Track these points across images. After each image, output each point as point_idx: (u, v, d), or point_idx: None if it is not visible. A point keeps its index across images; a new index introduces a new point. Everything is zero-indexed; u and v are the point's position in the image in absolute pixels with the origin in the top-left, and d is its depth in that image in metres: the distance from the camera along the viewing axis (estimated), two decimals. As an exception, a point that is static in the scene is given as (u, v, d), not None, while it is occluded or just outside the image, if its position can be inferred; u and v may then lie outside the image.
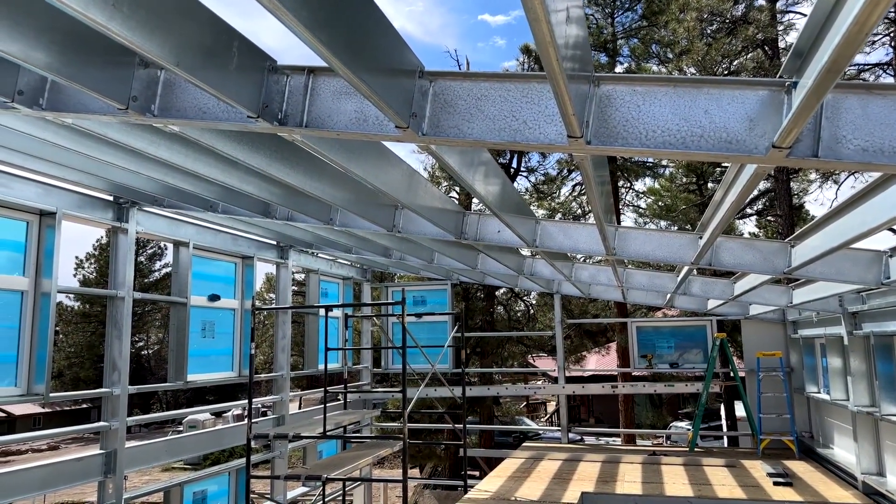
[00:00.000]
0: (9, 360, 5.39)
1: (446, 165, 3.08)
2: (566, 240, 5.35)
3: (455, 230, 5.45)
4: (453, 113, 2.54)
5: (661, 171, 22.18)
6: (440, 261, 8.60)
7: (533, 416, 33.72)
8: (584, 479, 8.10)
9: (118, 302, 6.36)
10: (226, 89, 2.43)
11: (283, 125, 2.76)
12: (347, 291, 12.06)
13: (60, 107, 3.10)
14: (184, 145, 4.08)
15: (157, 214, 6.89)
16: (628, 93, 2.40)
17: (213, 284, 8.22)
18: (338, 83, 2.72)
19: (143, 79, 2.87)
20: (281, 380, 9.48)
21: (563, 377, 10.89)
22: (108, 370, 6.31)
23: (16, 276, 5.43)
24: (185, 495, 7.27)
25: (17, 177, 5.36)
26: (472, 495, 7.39)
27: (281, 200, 5.28)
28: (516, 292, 19.23)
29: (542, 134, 2.44)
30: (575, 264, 8.17)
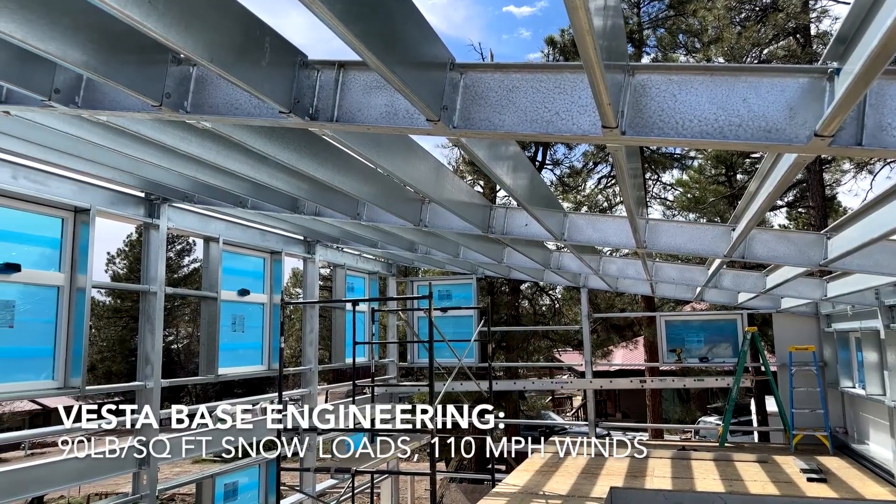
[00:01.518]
0: (46, 353, 5.52)
1: (475, 158, 3.06)
2: (595, 233, 5.30)
3: (482, 224, 5.43)
4: (484, 105, 2.52)
5: (689, 163, 21.86)
6: (466, 255, 8.59)
7: (559, 411, 33.57)
8: (612, 474, 8.05)
9: (150, 297, 6.47)
10: (258, 85, 2.44)
11: (314, 120, 2.76)
12: (373, 286, 12.12)
13: (95, 104, 3.14)
14: (215, 141, 4.12)
15: (187, 210, 6.98)
16: (664, 82, 2.35)
17: (243, 279, 8.31)
18: (368, 77, 2.72)
19: (175, 76, 2.90)
20: (309, 373, 9.57)
21: (590, 372, 10.82)
22: (141, 364, 6.42)
23: (52, 272, 5.55)
24: (216, 487, 7.39)
25: (52, 174, 5.47)
26: (499, 489, 7.39)
27: (309, 196, 5.31)
28: (542, 286, 19.13)
29: (574, 125, 2.41)
30: (603, 258, 8.09)
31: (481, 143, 3.13)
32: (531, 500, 6.89)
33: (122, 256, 40.96)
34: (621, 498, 7.34)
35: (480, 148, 3.08)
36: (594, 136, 2.36)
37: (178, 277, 40.49)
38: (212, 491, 7.23)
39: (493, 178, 3.40)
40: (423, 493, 15.95)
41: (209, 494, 7.18)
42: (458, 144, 2.84)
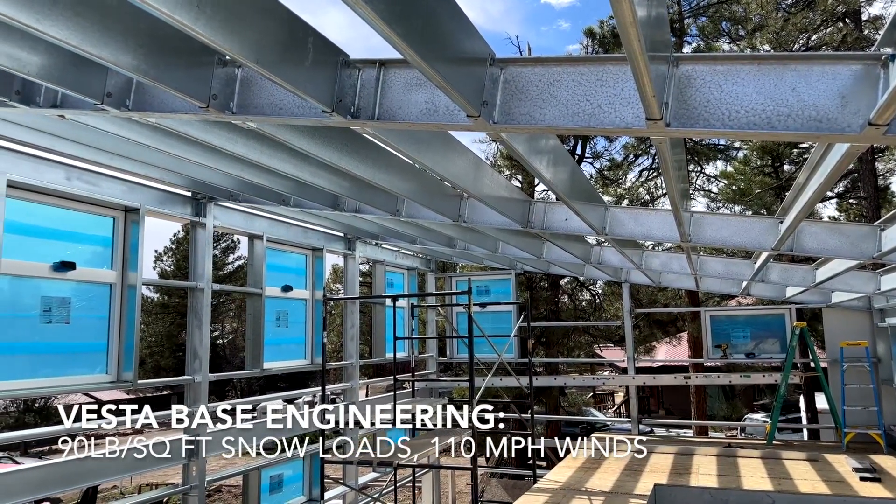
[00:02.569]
0: (100, 348, 5.73)
1: (515, 153, 3.05)
2: (637, 227, 5.22)
3: (521, 219, 5.41)
4: (525, 100, 2.51)
5: (733, 154, 21.34)
6: (504, 250, 8.56)
7: (600, 407, 33.24)
8: (656, 471, 7.94)
9: (198, 293, 6.64)
10: (302, 85, 2.48)
11: (355, 119, 2.80)
12: (412, 281, 12.19)
13: (145, 107, 3.24)
14: (259, 141, 4.20)
15: (232, 209, 7.14)
16: (709, 72, 2.31)
17: (286, 276, 8.47)
18: (408, 75, 2.74)
19: (221, 77, 2.97)
20: (350, 368, 9.69)
21: (632, 368, 10.68)
22: (189, 358, 6.60)
23: (105, 270, 5.75)
24: (262, 479, 7.56)
25: (104, 175, 5.66)
26: (541, 485, 7.37)
27: (349, 193, 5.38)
28: (582, 281, 18.95)
29: (618, 117, 2.38)
30: (645, 252, 7.98)
31: (520, 137, 3.12)
32: (573, 496, 6.85)
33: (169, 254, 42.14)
34: (665, 495, 7.24)
35: (519, 142, 3.07)
36: (638, 129, 2.33)
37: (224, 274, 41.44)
38: (258, 483, 7.40)
39: (533, 172, 3.38)
40: (464, 487, 16.01)
41: (255, 486, 7.35)
42: (498, 139, 2.84)
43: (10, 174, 4.89)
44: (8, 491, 4.81)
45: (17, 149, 4.94)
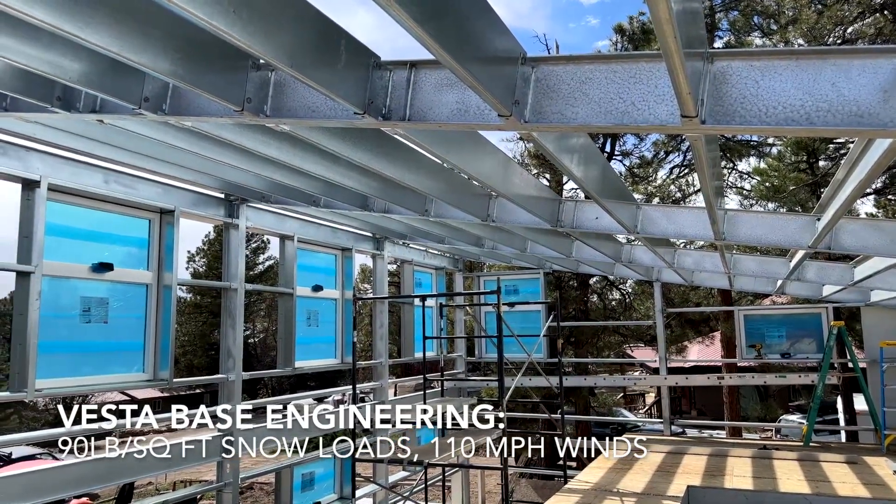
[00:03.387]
0: (136, 348, 5.86)
1: (546, 152, 3.04)
2: (670, 225, 5.16)
3: (550, 218, 5.38)
4: (556, 98, 2.50)
5: (767, 150, 20.92)
6: (533, 249, 8.52)
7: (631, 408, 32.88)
8: (689, 473, 7.83)
9: (231, 293, 6.75)
10: (335, 87, 2.51)
11: (386, 120, 2.82)
12: (440, 281, 12.21)
13: (181, 111, 3.31)
14: (291, 144, 4.26)
15: (264, 210, 7.24)
16: (745, 68, 2.27)
17: (316, 275, 8.55)
18: (439, 75, 2.74)
19: (255, 81, 3.01)
20: (380, 367, 9.75)
21: (664, 368, 10.55)
22: (223, 357, 6.71)
23: (141, 271, 5.88)
24: (294, 477, 7.65)
25: (140, 178, 5.79)
26: (572, 486, 7.33)
27: (378, 193, 5.42)
28: (611, 280, 18.76)
29: (651, 115, 2.36)
30: (677, 250, 7.87)
31: (550, 136, 3.10)
32: (605, 497, 6.80)
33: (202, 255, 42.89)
34: (699, 497, 7.14)
35: (549, 141, 3.05)
36: (673, 126, 2.30)
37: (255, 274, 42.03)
38: (290, 480, 7.49)
39: (564, 170, 3.37)
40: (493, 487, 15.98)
41: (288, 484, 7.44)
42: (528, 138, 2.83)
43: (51, 178, 5.03)
44: (49, 486, 4.95)
45: (58, 153, 5.08)
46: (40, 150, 4.97)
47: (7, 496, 4.61)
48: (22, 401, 5.28)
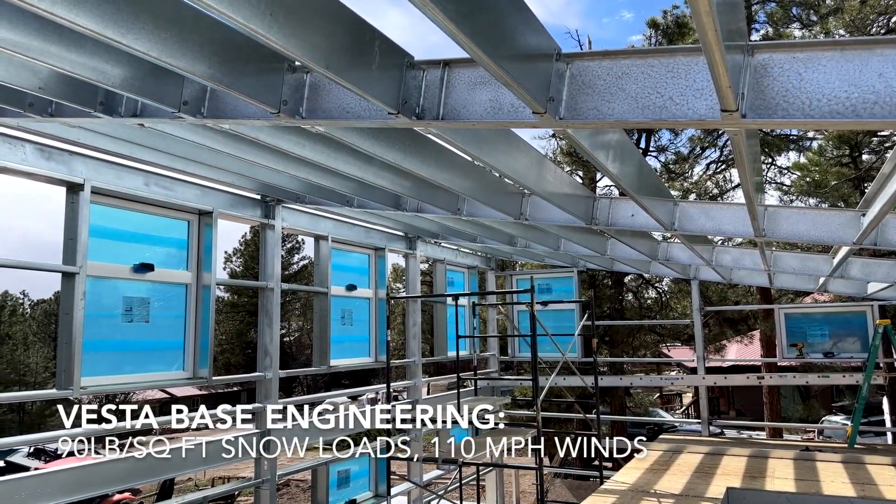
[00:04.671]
0: (177, 346, 5.99)
1: (581, 149, 3.01)
2: (708, 221, 5.06)
3: (585, 216, 5.33)
4: (592, 94, 2.47)
5: (806, 144, 20.38)
6: (567, 247, 8.46)
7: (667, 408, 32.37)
8: (728, 474, 7.67)
9: (268, 292, 6.85)
10: (369, 88, 2.52)
11: (420, 119, 2.82)
12: (472, 280, 12.19)
13: (219, 114, 3.37)
14: (325, 144, 4.30)
15: (299, 211, 7.33)
16: (787, 60, 2.21)
17: (350, 275, 8.63)
18: (472, 74, 2.74)
19: (291, 83, 3.05)
20: (413, 366, 9.78)
21: (702, 367, 10.36)
22: (260, 356, 6.82)
23: (181, 271, 6.01)
24: (329, 474, 7.72)
25: (179, 180, 5.91)
26: (608, 486, 7.24)
27: (411, 193, 5.44)
28: (647, 279, 18.49)
29: (690, 110, 2.32)
30: (716, 248, 7.72)
31: (584, 132, 3.07)
32: (642, 498, 6.71)
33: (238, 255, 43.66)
34: (739, 499, 6.99)
35: (584, 137, 3.02)
36: (712, 121, 2.26)
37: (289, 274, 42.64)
38: (326, 477, 7.56)
39: (599, 167, 3.33)
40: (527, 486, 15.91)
41: (324, 481, 7.52)
42: (562, 136, 2.80)
43: (94, 181, 5.17)
44: (95, 481, 5.09)
45: (100, 157, 5.22)
46: (83, 154, 5.12)
47: (55, 490, 4.75)
48: (67, 398, 5.33)
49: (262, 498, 6.59)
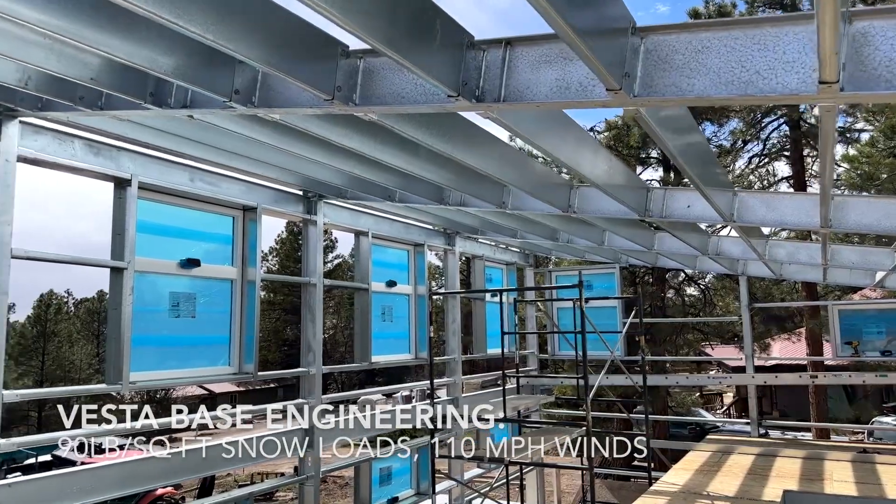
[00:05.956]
0: (223, 342, 5.97)
1: (652, 132, 2.85)
2: (769, 212, 4.83)
3: (638, 207, 5.13)
4: (669, 70, 2.32)
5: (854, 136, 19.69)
6: (611, 242, 8.23)
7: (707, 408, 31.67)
8: (783, 476, 7.38)
9: (311, 288, 6.80)
10: (431, 68, 2.41)
11: (480, 102, 2.70)
12: (511, 277, 12.02)
13: (270, 103, 3.29)
14: (373, 135, 4.21)
15: (340, 206, 7.28)
16: (891, 28, 2.03)
17: (389, 271, 8.55)
18: (536, 52, 2.60)
19: (345, 69, 2.95)
20: (453, 363, 9.68)
21: (751, 366, 10.04)
22: (303, 351, 6.78)
23: (226, 266, 5.99)
24: (372, 470, 7.66)
25: (223, 176, 5.89)
26: (658, 487, 7.03)
27: (455, 185, 5.33)
28: (689, 275, 18.05)
29: (779, 84, 2.14)
30: (769, 241, 7.42)
31: (653, 114, 2.90)
32: (695, 500, 6.48)
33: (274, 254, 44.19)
34: (797, 503, 6.70)
35: (653, 119, 2.85)
36: (806, 95, 2.08)
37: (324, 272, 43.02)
38: (369, 475, 7.50)
39: (668, 153, 3.16)
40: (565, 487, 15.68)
41: (367, 478, 7.46)
42: (636, 118, 2.65)
43: (141, 176, 5.17)
44: (145, 476, 5.10)
45: (146, 152, 5.22)
46: (130, 150, 5.12)
47: (106, 484, 4.77)
48: (110, 393, 5.38)
49: (307, 494, 6.55)
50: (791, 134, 19.82)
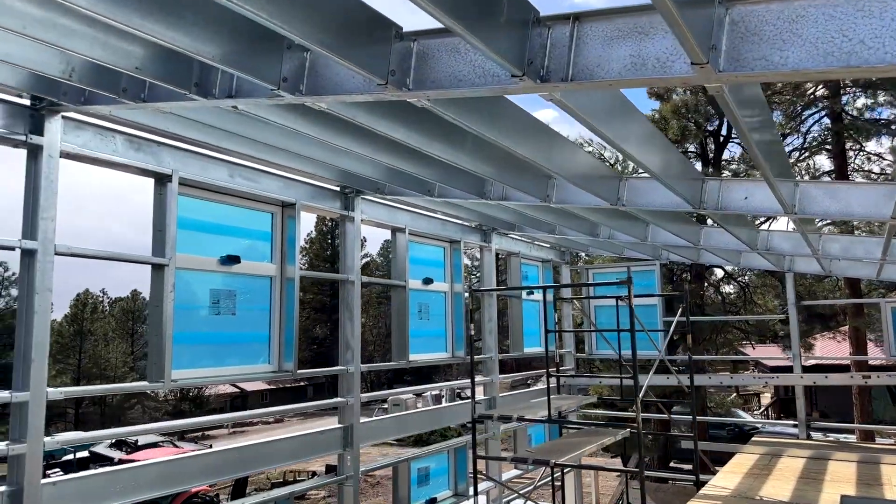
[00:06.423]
0: (262, 339, 5.90)
1: (730, 112, 2.65)
2: (833, 203, 4.57)
3: (693, 199, 4.91)
4: (759, 42, 2.13)
5: (898, 128, 19.03)
6: (655, 237, 7.98)
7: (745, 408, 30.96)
8: (838, 481, 7.07)
9: (348, 285, 6.70)
10: (498, 46, 2.26)
11: (545, 82, 2.54)
12: (547, 274, 11.81)
13: (318, 90, 3.17)
14: (419, 124, 4.08)
15: (377, 203, 7.17)
16: None
17: (425, 268, 8.42)
18: (607, 27, 2.43)
19: (398, 52, 2.82)
20: (490, 362, 9.51)
21: (798, 366, 9.69)
22: (342, 350, 6.68)
23: (266, 263, 5.92)
24: (410, 470, 7.54)
25: (262, 172, 5.81)
26: (708, 492, 6.78)
27: (498, 177, 5.18)
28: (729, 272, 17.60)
29: (888, 53, 1.94)
30: (822, 236, 7.12)
31: (730, 93, 2.70)
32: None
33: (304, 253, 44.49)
34: (856, 509, 6.40)
35: (730, 98, 2.65)
36: (922, 64, 1.88)
37: (352, 271, 43.13)
38: (407, 474, 7.39)
39: (743, 136, 2.96)
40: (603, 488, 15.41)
41: (405, 478, 7.35)
42: (716, 97, 2.46)
43: (182, 172, 5.11)
44: (187, 474, 5.04)
45: (186, 148, 5.16)
46: (171, 145, 5.06)
47: (147, 483, 4.71)
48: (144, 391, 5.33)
49: (346, 494, 6.44)
50: (833, 126, 19.24)
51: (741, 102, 2.75)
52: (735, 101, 2.63)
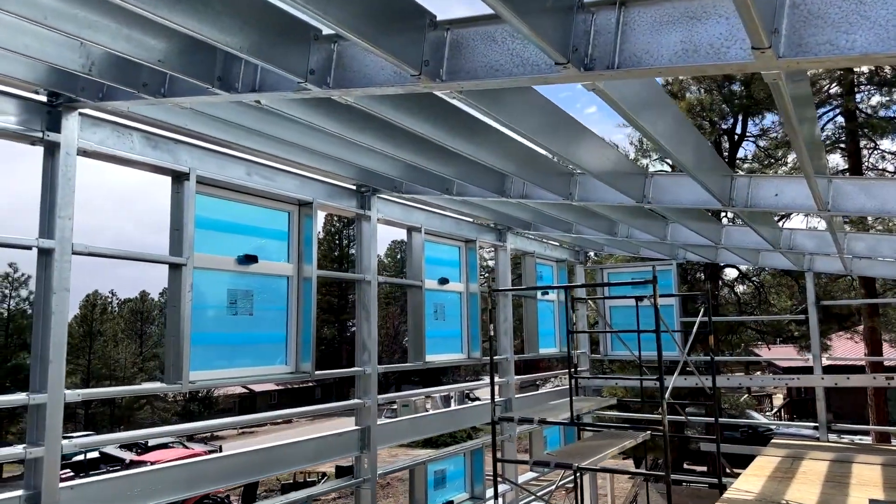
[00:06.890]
0: (280, 340, 5.81)
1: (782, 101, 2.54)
2: (868, 200, 4.44)
3: (721, 196, 4.79)
4: (822, 25, 2.01)
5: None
6: (674, 236, 7.86)
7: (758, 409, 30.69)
8: (865, 485, 6.92)
9: (365, 286, 6.60)
10: (545, 33, 2.15)
11: (588, 71, 2.43)
12: (561, 274, 11.68)
13: (346, 83, 3.07)
14: (444, 119, 3.98)
15: (393, 202, 7.07)
16: None
17: (440, 268, 8.32)
18: (656, 12, 2.32)
19: (431, 41, 2.72)
20: (506, 363, 9.40)
21: (818, 367, 9.54)
22: (358, 351, 6.59)
23: (283, 263, 5.82)
24: (427, 473, 7.44)
25: (279, 170, 5.73)
26: (730, 495, 6.65)
27: (519, 173, 5.08)
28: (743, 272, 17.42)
29: (969, 35, 1.83)
30: (848, 234, 6.97)
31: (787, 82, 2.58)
32: (775, 509, 6.10)
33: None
34: (885, 513, 6.26)
35: (789, 90, 2.53)
36: None
37: (359, 272, 43.03)
38: (424, 477, 7.29)
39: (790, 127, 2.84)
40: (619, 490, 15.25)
41: (422, 480, 7.25)
42: (772, 87, 2.35)
43: (199, 170, 5.03)
44: (207, 478, 4.96)
45: (203, 146, 5.07)
46: (188, 143, 4.98)
47: (166, 486, 4.62)
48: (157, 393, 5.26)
49: (363, 497, 6.34)
50: (847, 125, 19.04)
51: (794, 93, 2.64)
52: (791, 92, 2.52)
